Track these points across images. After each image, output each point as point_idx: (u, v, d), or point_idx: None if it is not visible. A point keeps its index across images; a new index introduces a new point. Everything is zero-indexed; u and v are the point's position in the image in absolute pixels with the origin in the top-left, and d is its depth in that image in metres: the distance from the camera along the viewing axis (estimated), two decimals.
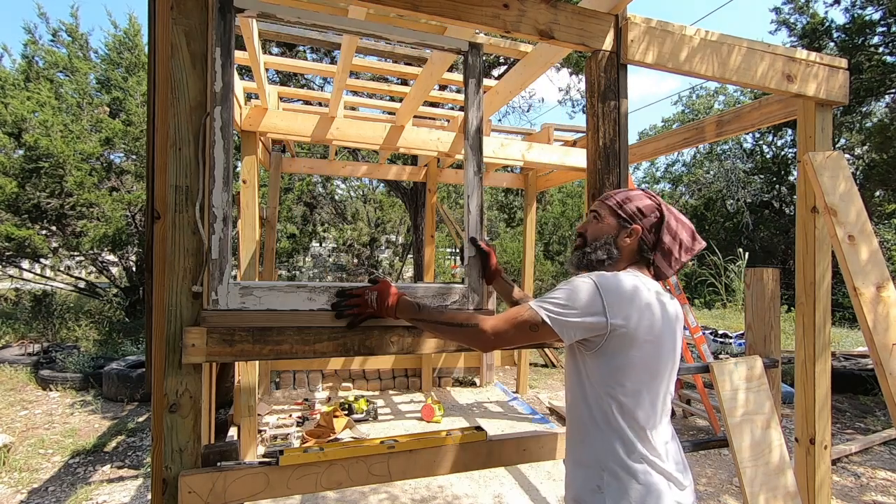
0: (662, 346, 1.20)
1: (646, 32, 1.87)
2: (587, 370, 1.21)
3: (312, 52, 8.23)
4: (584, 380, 1.22)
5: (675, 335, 1.25)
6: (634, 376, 1.17)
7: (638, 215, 1.31)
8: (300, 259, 12.28)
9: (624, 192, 1.36)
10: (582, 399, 1.23)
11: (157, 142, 1.46)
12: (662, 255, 1.29)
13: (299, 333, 1.49)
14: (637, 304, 1.17)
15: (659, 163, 24.58)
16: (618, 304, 1.15)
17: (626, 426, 1.16)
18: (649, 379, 1.18)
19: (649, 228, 1.31)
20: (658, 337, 1.18)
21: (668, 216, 1.30)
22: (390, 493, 3.32)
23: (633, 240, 1.30)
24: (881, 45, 9.81)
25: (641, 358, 1.17)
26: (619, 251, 1.31)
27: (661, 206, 1.32)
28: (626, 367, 1.16)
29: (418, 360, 5.85)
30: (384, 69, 3.95)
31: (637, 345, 1.16)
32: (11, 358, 6.09)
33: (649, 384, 1.18)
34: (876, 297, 1.88)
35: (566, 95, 10.19)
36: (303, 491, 1.49)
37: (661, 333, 1.19)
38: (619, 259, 1.31)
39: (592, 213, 1.39)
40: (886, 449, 4.35)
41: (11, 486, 3.41)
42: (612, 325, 1.14)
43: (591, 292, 1.16)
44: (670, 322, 1.22)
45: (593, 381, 1.20)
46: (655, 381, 1.19)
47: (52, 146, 7.27)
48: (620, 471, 1.15)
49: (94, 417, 4.79)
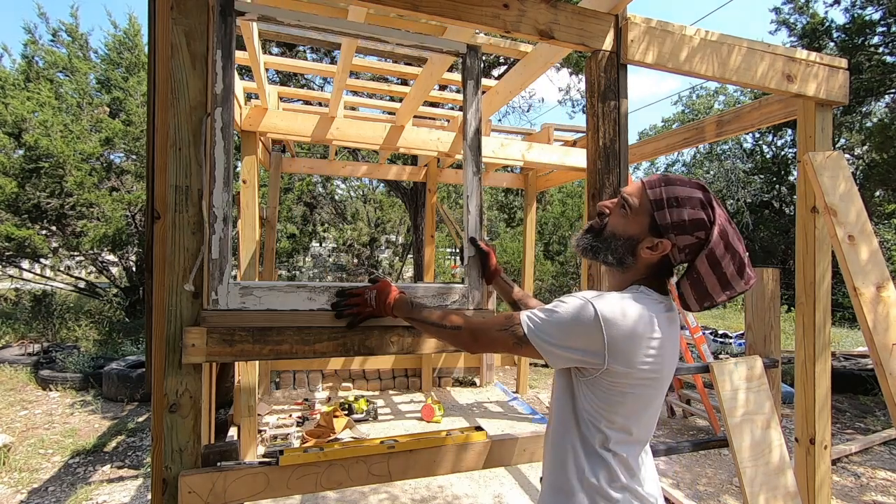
0: (664, 381, 1.06)
1: (646, 32, 1.87)
2: (578, 392, 1.07)
3: (312, 52, 8.23)
4: (573, 402, 1.08)
5: (676, 358, 1.10)
6: (627, 410, 1.04)
7: (676, 229, 1.03)
8: (300, 259, 12.29)
9: (675, 188, 1.04)
10: (568, 421, 1.09)
11: (157, 142, 1.46)
12: (693, 285, 1.04)
13: (299, 333, 1.49)
14: (646, 344, 0.99)
15: (659, 163, 24.58)
16: (622, 346, 0.98)
17: (610, 457, 1.04)
18: (643, 409, 1.06)
19: (682, 248, 1.04)
20: (662, 374, 1.04)
21: (715, 244, 1.00)
22: (390, 493, 3.32)
23: (655, 255, 1.06)
24: (881, 45, 9.81)
25: (640, 395, 1.03)
26: (635, 261, 1.08)
27: (711, 228, 1.01)
28: (620, 403, 1.02)
29: (418, 360, 5.86)
30: (384, 69, 3.95)
31: (638, 384, 1.02)
32: (11, 358, 6.09)
33: (641, 414, 1.06)
34: (876, 297, 1.88)
35: (566, 95, 10.20)
36: (303, 491, 1.49)
37: (666, 370, 1.04)
38: (631, 269, 1.09)
39: (622, 201, 1.10)
40: (886, 449, 4.35)
41: (11, 486, 3.41)
42: (611, 366, 0.99)
43: (591, 325, 0.97)
44: (675, 348, 1.07)
45: (582, 406, 1.06)
46: (649, 410, 1.07)
47: (52, 146, 7.28)
48: (601, 500, 1.03)
49: (94, 417, 4.79)
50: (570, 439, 1.08)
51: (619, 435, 1.04)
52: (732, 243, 1.02)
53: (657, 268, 1.08)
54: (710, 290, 1.04)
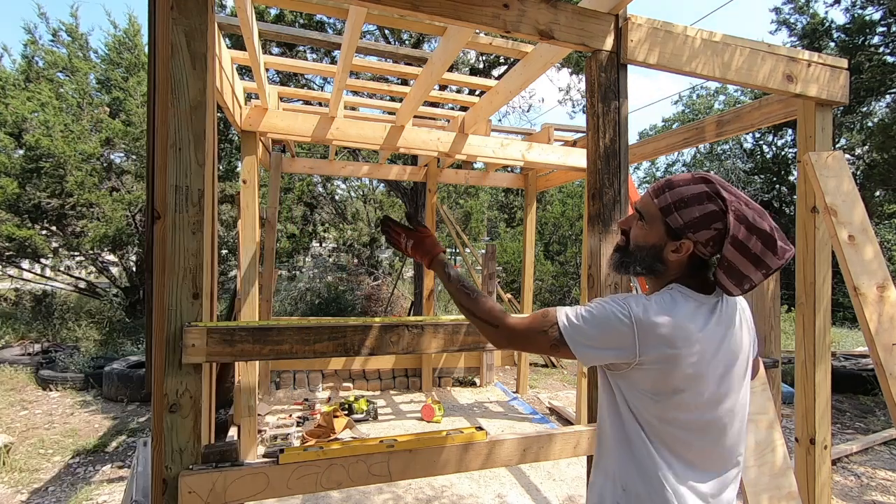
0: (705, 383, 1.04)
1: (648, 33, 1.87)
2: (616, 387, 1.11)
3: (312, 52, 8.23)
4: (613, 394, 1.12)
5: (729, 365, 1.07)
6: (664, 407, 1.04)
7: (691, 227, 1.05)
8: (300, 259, 12.28)
9: (678, 189, 1.07)
10: (609, 414, 1.13)
11: (157, 142, 1.46)
12: (726, 272, 1.04)
13: (299, 333, 1.49)
14: (678, 339, 1.01)
15: (659, 163, 24.60)
16: (653, 343, 1.01)
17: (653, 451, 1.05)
18: (684, 412, 1.04)
19: (705, 243, 1.06)
20: (699, 374, 1.03)
21: (735, 229, 1.02)
22: (394, 492, 3.32)
23: (682, 256, 1.08)
24: (881, 45, 9.80)
25: (676, 395, 1.03)
26: (665, 266, 1.10)
27: (726, 216, 1.03)
28: (654, 401, 1.04)
29: (418, 360, 5.85)
30: (384, 69, 3.95)
31: (670, 382, 1.02)
32: (12, 358, 6.09)
33: (684, 419, 1.05)
34: (877, 298, 1.88)
35: (566, 95, 10.19)
36: (303, 491, 1.49)
37: (703, 370, 1.03)
38: (665, 273, 1.11)
39: (637, 214, 1.15)
40: (887, 449, 4.35)
41: (12, 486, 3.41)
42: (642, 360, 1.02)
43: (622, 325, 1.02)
44: (724, 352, 1.06)
45: (622, 398, 1.09)
46: (693, 414, 1.05)
47: (52, 146, 7.27)
48: None
49: (95, 417, 4.78)
50: (612, 429, 1.12)
51: (664, 429, 1.05)
52: (756, 223, 1.02)
53: (689, 266, 1.10)
54: (744, 273, 1.03)
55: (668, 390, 1.03)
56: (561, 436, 1.76)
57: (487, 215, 15.90)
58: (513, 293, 9.47)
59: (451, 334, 1.68)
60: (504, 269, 12.72)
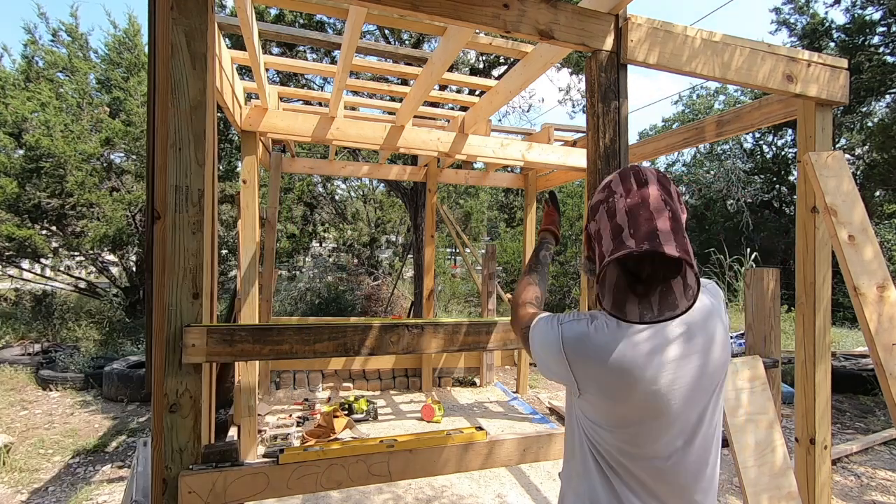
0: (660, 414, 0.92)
1: (648, 33, 1.87)
2: (573, 407, 1.04)
3: (312, 52, 8.23)
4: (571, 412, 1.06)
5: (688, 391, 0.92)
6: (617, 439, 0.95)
7: (593, 209, 0.98)
8: (300, 259, 12.27)
9: (608, 177, 1.02)
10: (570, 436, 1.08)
11: (157, 142, 1.46)
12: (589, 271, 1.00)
13: (299, 333, 1.49)
14: (600, 360, 0.91)
15: (659, 163, 24.54)
16: (581, 363, 0.93)
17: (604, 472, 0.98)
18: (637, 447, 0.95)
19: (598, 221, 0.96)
20: (650, 405, 0.92)
21: (615, 197, 0.91)
22: (395, 492, 3.32)
23: None
24: (881, 45, 9.81)
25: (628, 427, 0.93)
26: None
27: (609, 183, 0.95)
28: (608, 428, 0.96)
29: (418, 360, 5.85)
30: (384, 69, 3.95)
31: (617, 413, 0.94)
32: (12, 358, 6.09)
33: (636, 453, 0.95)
34: (877, 298, 1.88)
35: (566, 95, 10.18)
36: (303, 491, 1.49)
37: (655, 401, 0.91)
38: None
39: None
40: (887, 449, 4.35)
41: (12, 486, 3.41)
42: (580, 384, 0.95)
43: (555, 345, 0.95)
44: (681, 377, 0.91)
45: (580, 425, 1.03)
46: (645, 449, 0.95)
47: (53, 146, 7.27)
48: None
49: (95, 417, 4.78)
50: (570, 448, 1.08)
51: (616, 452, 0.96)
52: (640, 197, 0.89)
53: None
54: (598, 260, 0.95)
55: (617, 422, 0.94)
56: (561, 436, 1.76)
57: (487, 215, 15.89)
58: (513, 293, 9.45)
59: (450, 334, 1.68)
60: (504, 269, 12.72)
